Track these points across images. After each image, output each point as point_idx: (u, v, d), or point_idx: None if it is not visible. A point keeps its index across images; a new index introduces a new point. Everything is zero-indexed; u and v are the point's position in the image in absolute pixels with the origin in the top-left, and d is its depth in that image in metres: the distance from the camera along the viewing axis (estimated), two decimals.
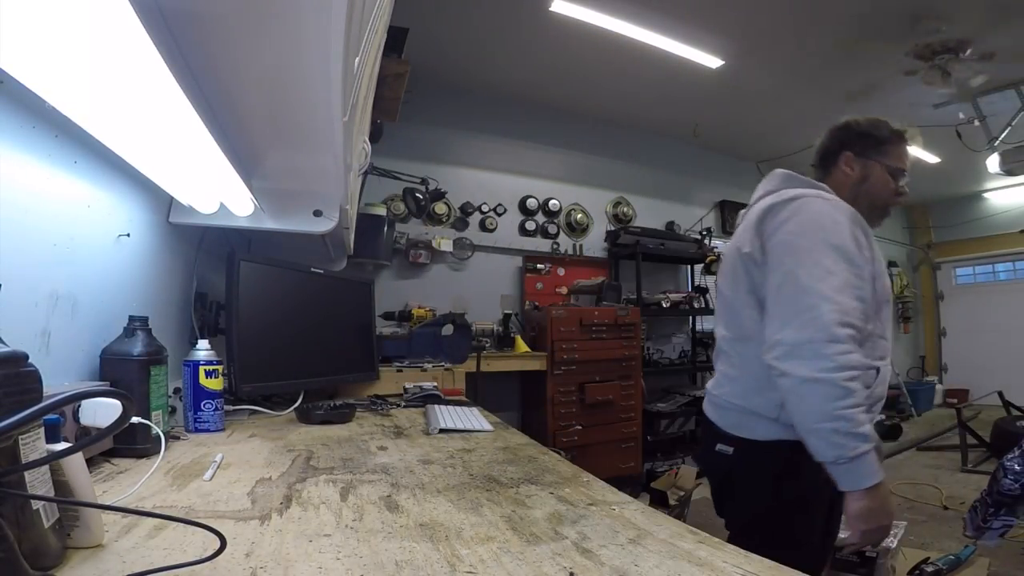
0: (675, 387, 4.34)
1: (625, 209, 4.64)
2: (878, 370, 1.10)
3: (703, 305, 4.41)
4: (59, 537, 0.51)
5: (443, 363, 2.53)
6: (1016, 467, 1.94)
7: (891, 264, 7.02)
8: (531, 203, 4.24)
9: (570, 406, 3.43)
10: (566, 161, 4.45)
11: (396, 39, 2.47)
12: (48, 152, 0.89)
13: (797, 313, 1.01)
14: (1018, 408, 4.28)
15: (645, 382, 3.82)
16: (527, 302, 4.05)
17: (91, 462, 0.88)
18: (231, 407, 1.45)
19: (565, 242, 4.34)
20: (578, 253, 4.35)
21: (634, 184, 4.69)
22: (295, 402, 1.58)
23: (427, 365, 2.48)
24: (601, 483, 0.87)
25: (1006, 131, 4.29)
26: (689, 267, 4.81)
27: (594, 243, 4.46)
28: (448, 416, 1.41)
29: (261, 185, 1.35)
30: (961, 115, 4.14)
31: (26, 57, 0.57)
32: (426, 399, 1.79)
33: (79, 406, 0.79)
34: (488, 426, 1.36)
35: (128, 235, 1.17)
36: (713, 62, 3.64)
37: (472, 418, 1.43)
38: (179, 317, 1.54)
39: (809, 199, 1.11)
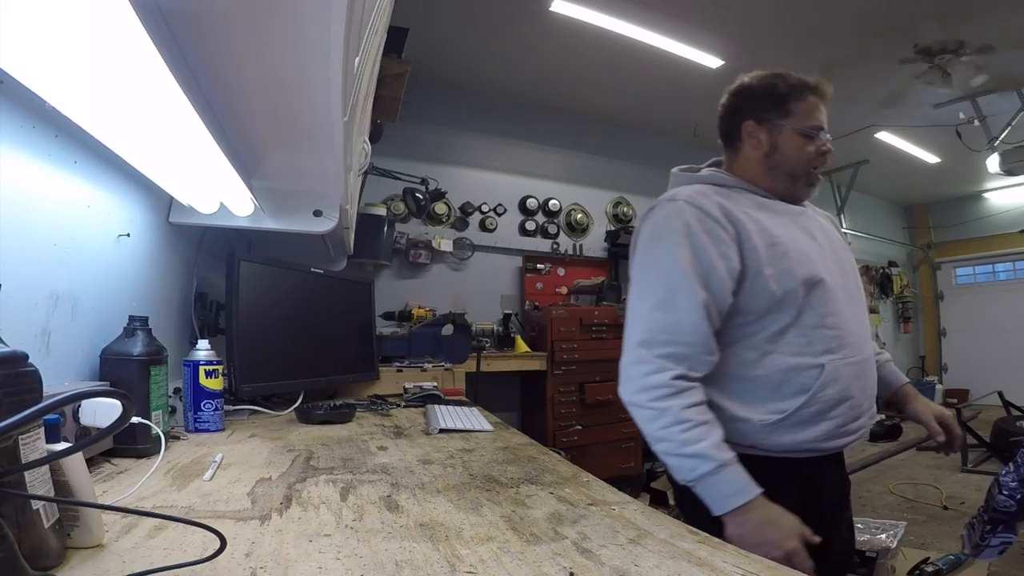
0: None
1: (625, 209, 4.64)
2: (823, 368, 0.95)
3: None
4: (59, 537, 0.51)
5: (443, 363, 2.53)
6: (1011, 483, 1.89)
7: (891, 264, 7.03)
8: (531, 203, 4.24)
9: (570, 406, 3.43)
10: (566, 161, 4.45)
11: (396, 39, 2.47)
12: (48, 152, 0.89)
13: (624, 338, 0.99)
14: (1018, 408, 4.28)
15: None
16: (527, 302, 4.05)
17: (91, 462, 0.88)
18: (231, 407, 1.45)
19: (565, 242, 4.34)
20: (578, 253, 4.35)
21: (634, 184, 4.69)
22: (295, 402, 1.58)
23: (427, 365, 2.48)
24: (601, 483, 0.87)
25: (1006, 131, 4.29)
26: None
27: (594, 243, 4.46)
28: (448, 416, 1.41)
29: (261, 185, 1.35)
30: (961, 115, 4.14)
31: (26, 57, 0.57)
32: (426, 399, 1.79)
33: (79, 406, 0.79)
34: (488, 426, 1.36)
35: (128, 235, 1.17)
36: (713, 62, 3.64)
37: (472, 418, 1.43)
38: (179, 317, 1.54)
39: (658, 206, 1.03)
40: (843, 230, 1.22)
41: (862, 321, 1.06)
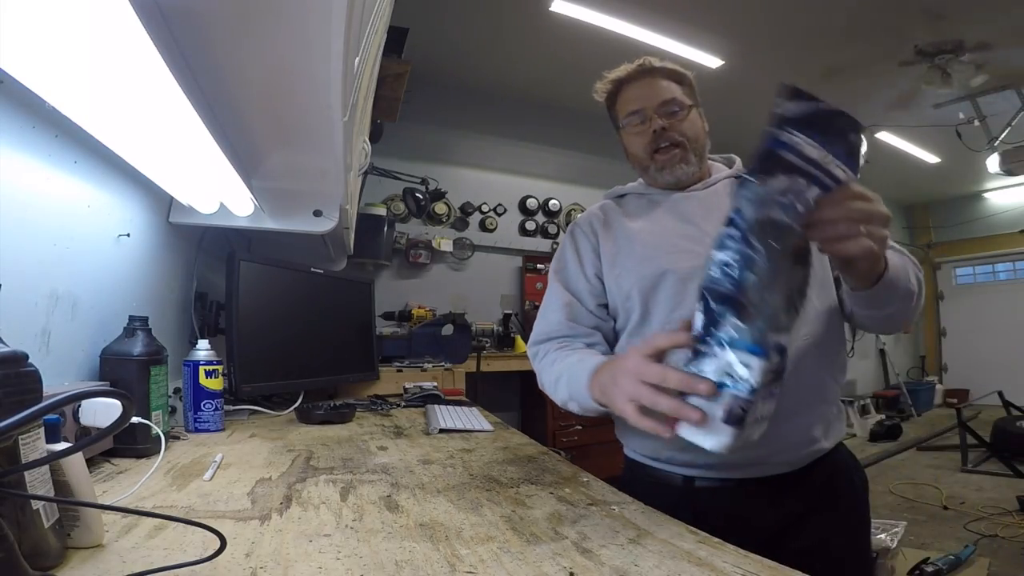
0: None
1: None
2: None
3: None
4: (59, 537, 0.51)
5: (443, 363, 2.53)
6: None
7: None
8: (531, 203, 4.24)
9: None
10: (566, 161, 4.45)
11: (396, 39, 2.47)
12: (48, 152, 0.88)
13: None
14: (1018, 408, 4.28)
15: None
16: (527, 302, 4.05)
17: (91, 462, 0.88)
18: (231, 407, 1.45)
19: None
20: None
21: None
22: (295, 402, 1.58)
23: (427, 365, 2.48)
24: (601, 483, 0.87)
25: (1006, 131, 4.29)
26: None
27: None
28: (448, 416, 1.41)
29: (261, 185, 1.35)
30: (961, 115, 4.15)
31: (26, 57, 0.57)
32: (426, 399, 1.78)
33: (79, 406, 0.79)
34: (488, 426, 1.36)
35: (128, 235, 1.17)
36: (713, 62, 3.64)
37: (472, 418, 1.43)
38: (179, 317, 1.54)
39: None
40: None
41: None
